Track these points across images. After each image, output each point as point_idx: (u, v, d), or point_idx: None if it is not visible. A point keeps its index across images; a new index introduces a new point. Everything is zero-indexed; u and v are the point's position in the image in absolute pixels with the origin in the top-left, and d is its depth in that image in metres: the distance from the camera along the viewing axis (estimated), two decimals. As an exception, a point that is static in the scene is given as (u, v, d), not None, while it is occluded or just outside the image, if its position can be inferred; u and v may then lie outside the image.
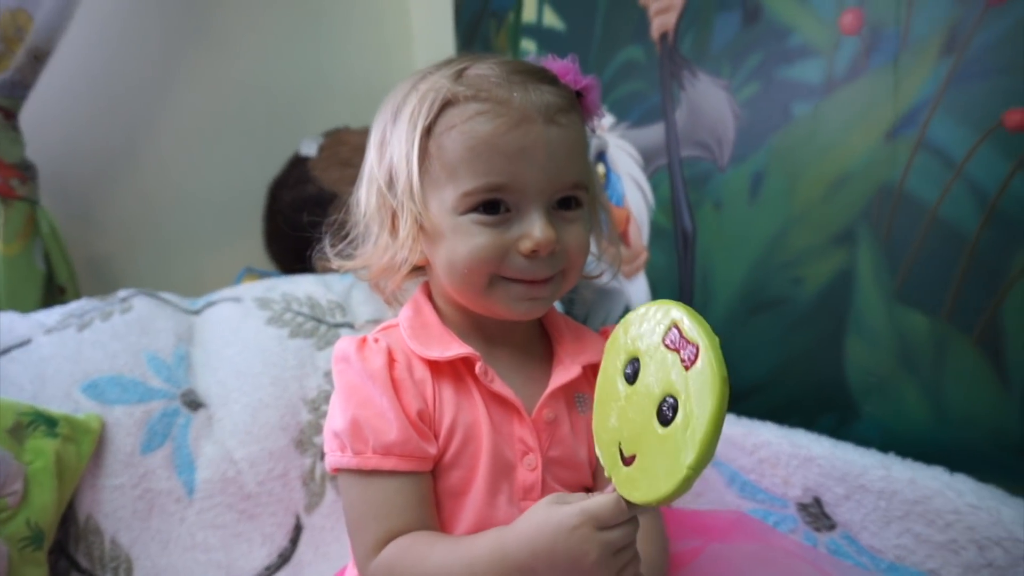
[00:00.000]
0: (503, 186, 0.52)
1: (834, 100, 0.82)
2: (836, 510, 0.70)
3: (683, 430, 0.40)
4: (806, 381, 0.87)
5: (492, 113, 0.52)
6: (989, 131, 0.69)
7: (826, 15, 0.82)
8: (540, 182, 0.53)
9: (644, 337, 0.44)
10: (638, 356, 0.44)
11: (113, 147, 1.34)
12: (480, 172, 0.52)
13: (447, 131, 0.53)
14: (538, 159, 0.52)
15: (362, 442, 0.52)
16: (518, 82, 0.53)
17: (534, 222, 0.52)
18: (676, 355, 0.41)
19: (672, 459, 0.40)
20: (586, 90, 0.58)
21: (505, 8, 1.34)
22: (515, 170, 0.52)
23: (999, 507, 0.59)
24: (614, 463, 0.45)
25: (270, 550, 0.82)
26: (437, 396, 0.55)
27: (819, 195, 0.84)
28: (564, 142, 0.54)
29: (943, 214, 0.73)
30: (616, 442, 0.45)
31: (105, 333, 0.88)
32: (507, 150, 0.52)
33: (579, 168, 0.55)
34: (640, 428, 0.43)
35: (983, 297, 0.71)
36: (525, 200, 0.53)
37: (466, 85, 0.53)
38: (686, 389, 0.40)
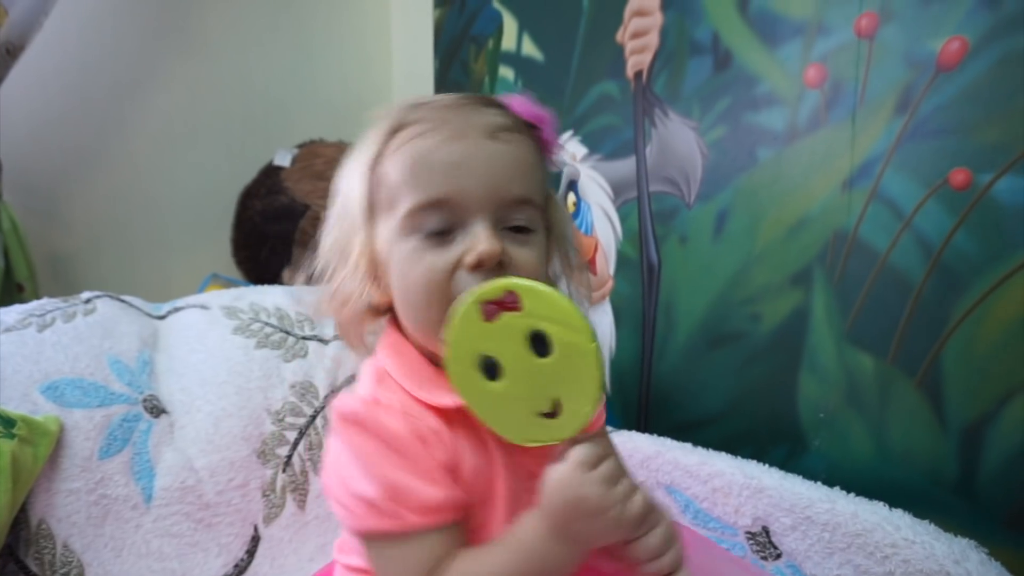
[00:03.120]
0: (443, 200, 0.51)
1: (796, 148, 0.87)
2: (783, 540, 0.73)
3: (560, 336, 0.46)
4: (760, 413, 0.91)
5: (432, 131, 0.52)
6: (936, 188, 0.74)
7: (792, 68, 0.87)
8: (481, 194, 0.51)
9: (471, 340, 0.47)
10: (482, 354, 0.47)
11: (82, 146, 1.32)
12: (419, 188, 0.51)
13: (392, 155, 0.53)
14: (478, 170, 0.51)
15: (401, 505, 0.49)
16: (463, 105, 0.54)
17: (478, 233, 0.51)
18: (504, 316, 0.46)
19: (577, 356, 0.46)
20: (540, 122, 0.57)
21: (485, 34, 1.38)
22: (454, 182, 0.51)
23: (932, 542, 0.63)
24: (550, 430, 0.47)
25: (226, 560, 0.81)
26: (454, 441, 0.52)
27: (779, 236, 0.89)
28: (507, 156, 0.53)
29: (892, 262, 0.78)
30: (536, 417, 0.47)
31: (67, 334, 0.87)
32: (445, 162, 0.51)
33: (527, 186, 0.53)
34: (538, 381, 0.47)
35: (926, 342, 0.75)
36: (468, 214, 0.51)
37: (414, 111, 0.54)
38: (537, 315, 0.46)
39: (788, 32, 0.87)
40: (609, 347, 1.13)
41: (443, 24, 1.51)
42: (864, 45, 0.80)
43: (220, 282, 1.35)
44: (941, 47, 0.74)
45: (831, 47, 0.83)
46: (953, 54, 0.73)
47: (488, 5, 1.36)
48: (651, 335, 1.06)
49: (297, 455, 0.89)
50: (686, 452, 0.85)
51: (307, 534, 0.86)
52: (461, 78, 1.46)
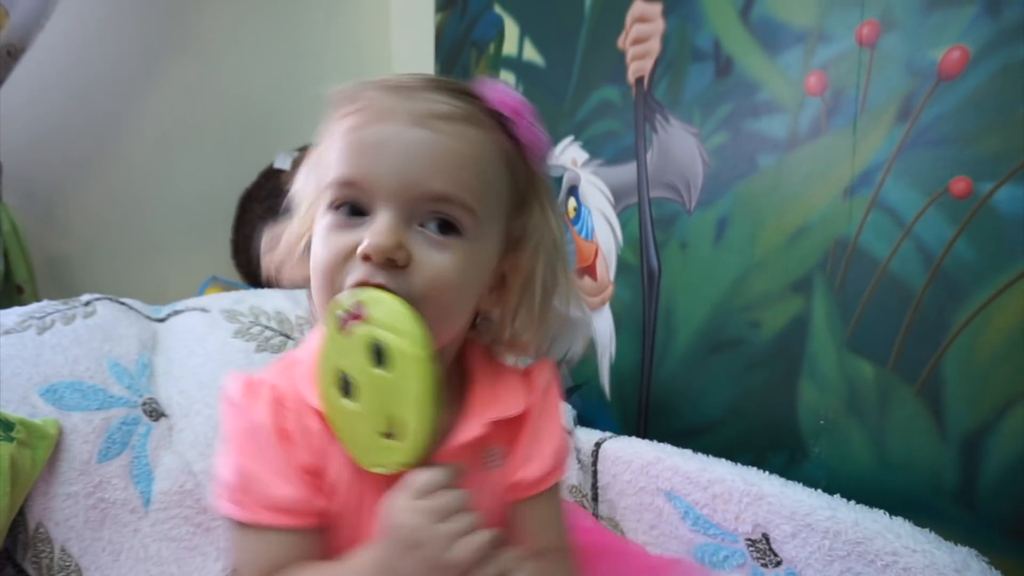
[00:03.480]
0: (353, 181, 0.48)
1: (797, 155, 0.87)
2: (783, 547, 0.73)
3: (393, 343, 0.44)
4: (760, 420, 0.91)
5: (363, 111, 0.49)
6: (937, 196, 0.75)
7: (793, 75, 0.87)
8: (390, 182, 0.47)
9: (328, 346, 0.47)
10: (338, 368, 0.46)
11: (82, 148, 1.32)
12: (337, 164, 0.49)
13: (328, 134, 0.52)
14: (391, 156, 0.47)
15: (248, 496, 0.49)
16: (406, 88, 0.50)
17: (376, 223, 0.47)
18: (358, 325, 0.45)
19: (410, 365, 0.44)
20: (515, 114, 0.51)
21: (486, 39, 1.38)
22: (366, 165, 0.48)
23: (933, 551, 0.63)
24: (393, 452, 0.45)
25: (225, 565, 0.81)
26: (325, 446, 0.50)
27: (779, 244, 0.89)
28: (434, 147, 0.48)
29: (893, 270, 0.78)
30: (379, 438, 0.45)
31: (66, 337, 0.87)
32: (363, 143, 0.48)
33: (454, 181, 0.48)
34: (380, 397, 0.45)
35: (926, 350, 0.75)
36: (376, 200, 0.48)
37: (361, 90, 0.51)
38: (377, 324, 0.44)
39: (789, 40, 0.87)
40: (609, 353, 1.13)
41: (444, 29, 1.51)
42: (865, 53, 0.80)
43: (220, 285, 1.35)
44: (942, 56, 0.74)
45: (832, 55, 0.83)
46: (954, 63, 0.73)
47: (489, 10, 1.36)
48: (651, 341, 1.06)
49: (296, 459, 0.89)
50: (686, 458, 0.85)
51: (306, 539, 0.86)
52: (462, 82, 1.46)
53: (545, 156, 0.55)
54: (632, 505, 0.88)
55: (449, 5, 1.49)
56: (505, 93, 0.52)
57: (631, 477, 0.88)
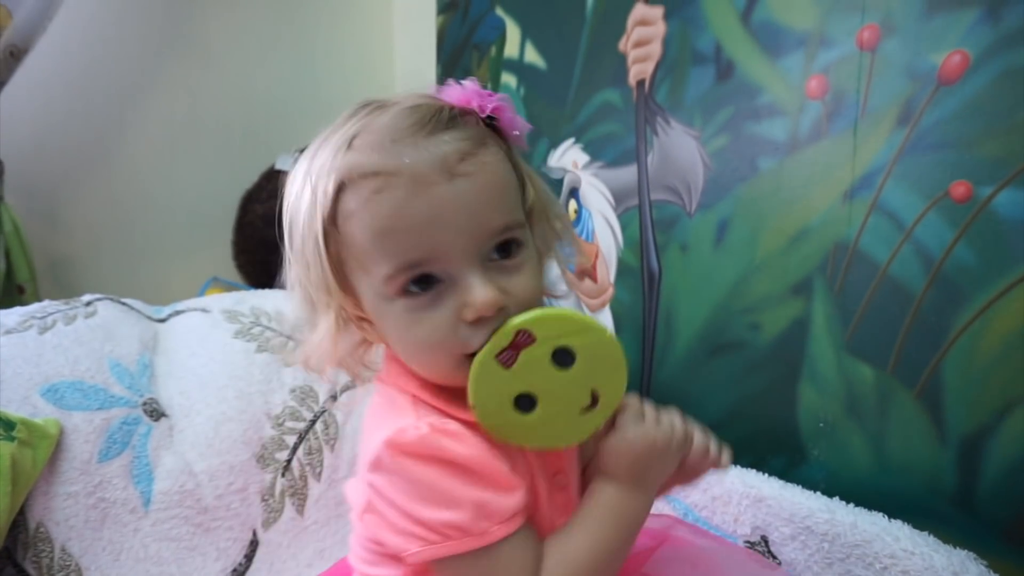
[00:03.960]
0: (421, 260, 0.47)
1: (797, 158, 0.87)
2: (782, 549, 0.73)
3: (584, 344, 0.49)
4: (759, 423, 0.91)
5: (387, 187, 0.46)
6: (937, 200, 0.75)
7: (793, 79, 0.87)
8: (461, 243, 0.47)
9: (492, 389, 0.49)
10: (512, 396, 0.49)
11: (84, 149, 1.32)
12: (393, 253, 0.47)
13: (348, 220, 0.48)
14: (451, 221, 0.47)
15: (488, 521, 0.48)
16: (409, 141, 0.48)
17: (470, 286, 0.47)
18: (523, 354, 0.48)
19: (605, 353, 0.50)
20: (496, 111, 0.51)
21: (488, 41, 1.38)
22: (430, 241, 0.47)
23: (932, 553, 0.63)
24: (595, 416, 0.51)
25: (224, 565, 0.81)
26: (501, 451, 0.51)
27: (780, 246, 0.89)
28: (477, 191, 0.48)
29: (892, 273, 0.78)
30: (576, 414, 0.51)
31: (68, 337, 0.87)
32: (414, 223, 0.46)
33: (506, 209, 0.49)
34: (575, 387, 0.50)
35: (926, 354, 0.75)
36: (452, 265, 0.47)
37: (354, 161, 0.48)
38: (551, 335, 0.48)
39: (790, 43, 0.87)
40: (609, 355, 1.13)
41: (446, 31, 1.51)
42: (866, 57, 0.80)
43: (221, 285, 1.35)
44: (942, 61, 0.74)
45: (833, 59, 0.83)
46: (954, 68, 0.73)
47: (491, 12, 1.36)
48: (651, 343, 1.06)
49: (296, 460, 0.89)
50: (686, 461, 0.85)
51: (306, 539, 0.86)
52: (463, 85, 1.46)
53: (521, 131, 0.54)
54: (631, 507, 0.88)
55: (451, 8, 1.49)
56: (473, 92, 0.51)
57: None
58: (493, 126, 0.52)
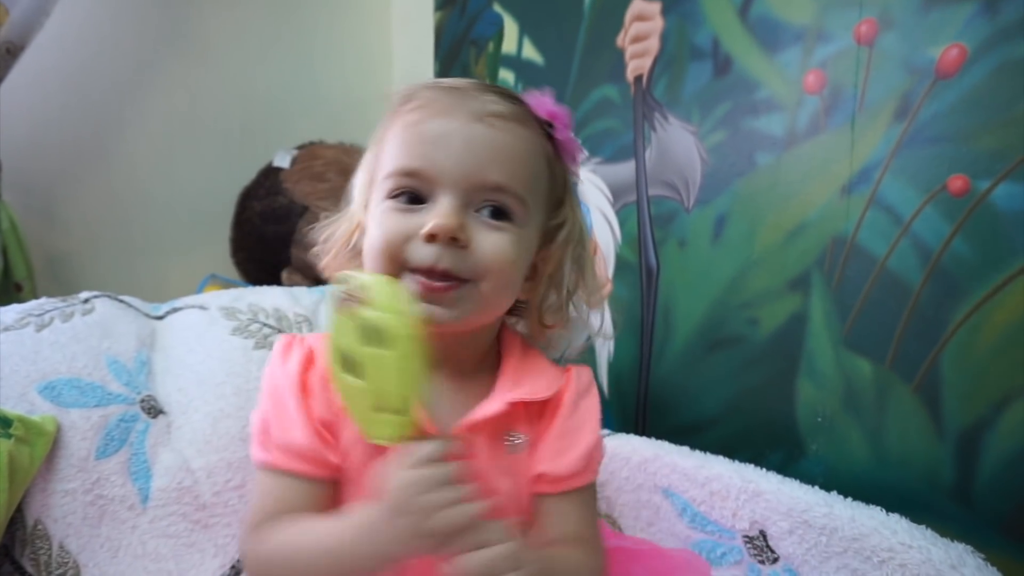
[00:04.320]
0: (416, 171, 0.53)
1: (795, 153, 0.87)
2: (780, 543, 0.73)
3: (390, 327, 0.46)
4: (757, 418, 0.91)
5: (423, 108, 0.54)
6: (934, 194, 0.75)
7: (791, 74, 0.87)
8: (453, 172, 0.52)
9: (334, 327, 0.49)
10: (341, 348, 0.48)
11: (82, 146, 1.32)
12: (398, 156, 0.54)
13: (387, 130, 0.56)
14: (453, 147, 0.52)
15: (269, 439, 0.54)
16: (464, 88, 0.55)
17: (439, 207, 0.52)
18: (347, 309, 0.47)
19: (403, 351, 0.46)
20: (553, 118, 0.57)
21: (486, 37, 1.38)
22: (429, 155, 0.52)
23: (929, 547, 0.63)
24: (392, 426, 0.47)
25: (223, 561, 0.81)
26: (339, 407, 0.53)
27: (777, 241, 0.89)
28: (490, 141, 0.53)
29: (890, 267, 0.78)
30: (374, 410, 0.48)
31: (65, 334, 0.87)
32: (424, 136, 0.53)
33: (509, 174, 0.53)
34: (383, 376, 0.47)
35: (924, 348, 0.75)
36: (438, 188, 0.52)
37: (421, 91, 0.56)
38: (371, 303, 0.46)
39: (788, 38, 0.87)
40: (607, 350, 1.13)
41: (444, 27, 1.51)
42: (864, 52, 0.80)
43: (219, 282, 1.35)
44: (940, 54, 0.74)
45: (830, 53, 0.83)
46: (952, 61, 0.73)
47: (489, 8, 1.36)
48: (649, 339, 1.06)
49: (295, 456, 0.89)
50: (684, 455, 0.85)
51: (304, 536, 0.86)
52: (461, 81, 1.46)
53: (577, 158, 0.60)
54: (630, 502, 0.88)
55: (449, 4, 1.49)
56: (545, 100, 0.57)
57: (629, 474, 0.88)
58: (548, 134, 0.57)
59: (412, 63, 1.62)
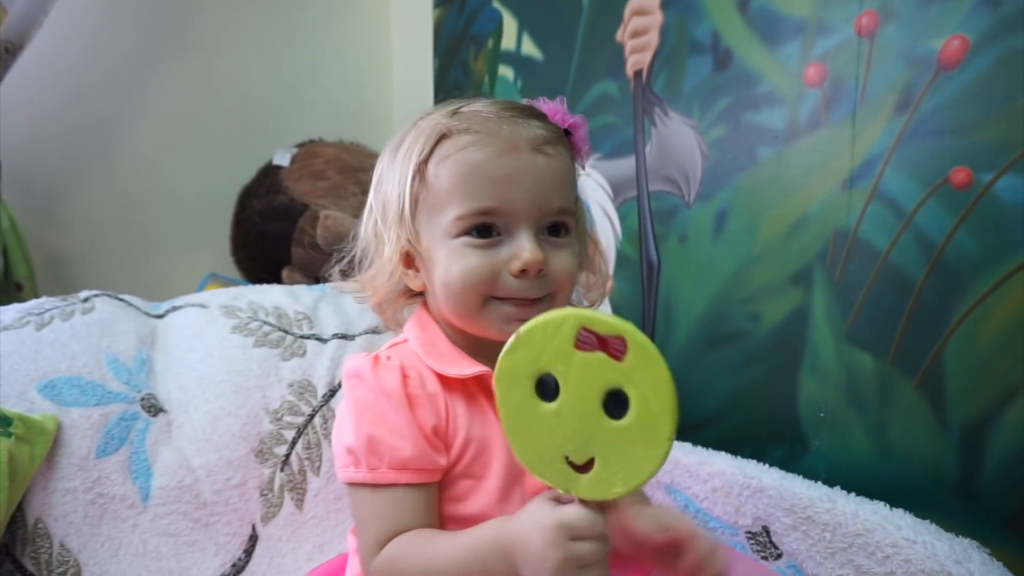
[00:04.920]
0: (493, 210, 0.55)
1: (796, 147, 0.87)
2: (783, 539, 0.73)
3: (644, 412, 0.42)
4: (759, 413, 0.91)
5: (483, 143, 0.56)
6: (936, 187, 0.74)
7: (792, 67, 0.86)
8: (528, 206, 0.56)
9: (547, 352, 0.44)
10: (547, 371, 0.44)
11: (81, 145, 1.32)
12: (471, 197, 0.55)
13: (442, 161, 0.57)
14: (525, 184, 0.55)
15: (377, 458, 0.54)
16: (508, 117, 0.57)
17: (523, 243, 0.55)
18: (598, 352, 0.42)
19: (645, 440, 0.42)
20: (574, 127, 0.61)
21: (485, 34, 1.37)
22: (504, 194, 0.55)
23: (934, 542, 0.63)
24: (567, 477, 0.45)
25: (224, 560, 0.81)
26: (451, 411, 0.57)
27: (779, 236, 0.88)
28: (551, 170, 0.57)
29: (892, 261, 0.78)
30: (560, 458, 0.45)
31: (65, 333, 0.87)
32: (496, 176, 0.55)
33: (566, 196, 0.58)
34: (589, 432, 0.44)
35: (927, 342, 0.75)
36: (514, 223, 0.56)
37: (460, 120, 0.57)
38: (630, 377, 0.42)
39: (788, 31, 0.87)
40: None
41: (443, 24, 1.50)
42: (864, 44, 0.80)
43: (219, 281, 1.35)
44: (942, 46, 0.73)
45: (831, 46, 0.83)
46: (954, 53, 0.73)
47: (488, 5, 1.36)
48: (650, 334, 1.05)
49: (295, 454, 0.89)
50: (686, 452, 0.84)
51: (305, 533, 0.86)
52: (461, 78, 1.46)
53: (587, 159, 0.64)
54: (632, 499, 0.87)
55: (448, 1, 1.48)
56: (559, 110, 0.61)
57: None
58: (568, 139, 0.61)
59: (411, 60, 1.61)
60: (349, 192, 1.35)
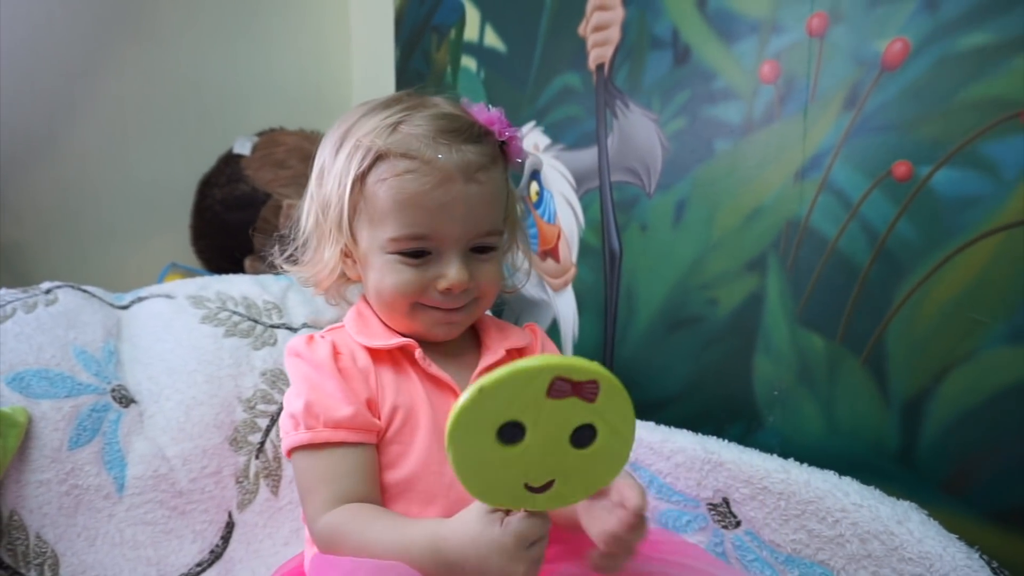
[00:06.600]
0: (425, 236, 0.61)
1: (751, 140, 0.91)
2: (742, 509, 0.78)
3: (610, 440, 0.44)
4: (717, 393, 0.96)
5: (419, 172, 0.60)
6: (880, 179, 0.80)
7: (747, 64, 0.91)
8: (457, 233, 0.61)
9: (515, 404, 0.42)
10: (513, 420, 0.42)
11: (31, 132, 1.28)
12: (406, 223, 0.61)
13: (378, 182, 0.61)
14: (457, 214, 0.61)
15: (314, 419, 0.59)
16: (444, 142, 0.61)
17: (451, 265, 0.62)
18: (572, 399, 0.42)
19: (608, 462, 0.46)
20: (510, 140, 0.66)
21: (447, 24, 1.39)
22: (436, 223, 0.61)
23: (878, 505, 0.68)
24: (523, 499, 0.46)
25: (201, 547, 0.81)
26: (378, 382, 0.63)
27: (735, 225, 0.93)
28: (481, 198, 0.62)
29: (840, 248, 0.83)
30: (519, 486, 0.45)
31: (29, 325, 0.86)
32: (430, 206, 0.60)
33: (494, 218, 0.64)
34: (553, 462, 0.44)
35: (871, 323, 0.80)
36: (443, 246, 0.62)
37: (397, 142, 0.61)
38: (602, 415, 0.43)
39: (744, 29, 0.91)
40: (572, 332, 1.16)
41: (404, 13, 1.51)
42: (815, 44, 0.84)
43: (179, 271, 1.33)
44: (885, 47, 0.78)
45: (784, 45, 0.87)
46: (896, 54, 0.78)
47: (449, -5, 1.37)
48: (613, 320, 1.10)
49: (269, 442, 0.90)
50: (649, 430, 0.89)
51: (281, 519, 0.87)
52: (423, 67, 1.46)
53: (521, 153, 0.69)
54: (599, 477, 0.91)
55: (408, -11, 1.49)
56: (498, 120, 0.65)
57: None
58: (502, 149, 0.67)
59: (371, 49, 1.61)
60: (311, 181, 1.35)
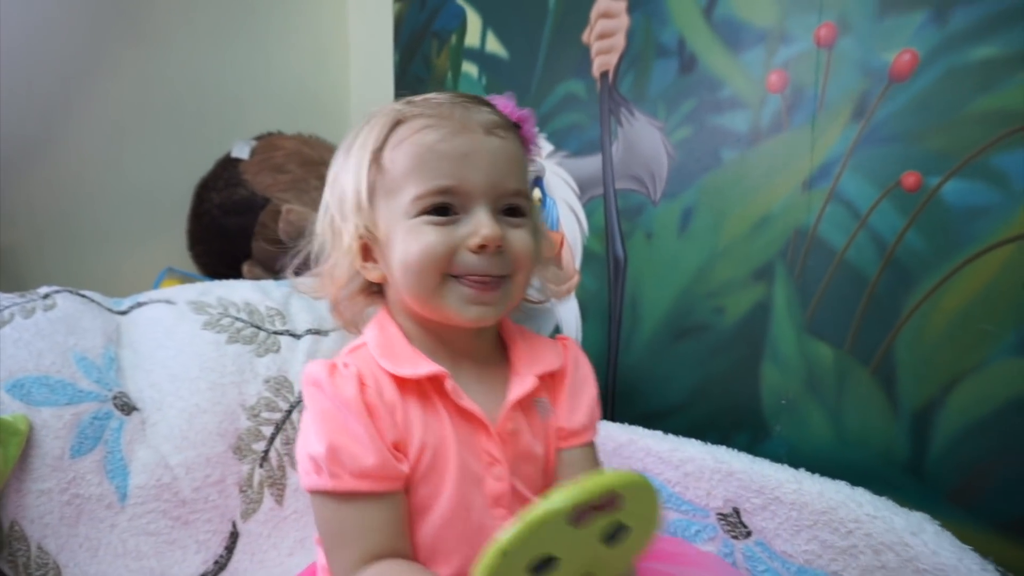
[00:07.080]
0: (450, 188, 0.56)
1: (759, 149, 0.91)
2: (752, 519, 0.78)
3: (641, 526, 0.44)
4: (724, 402, 0.96)
5: (437, 125, 0.57)
6: (889, 189, 0.80)
7: (755, 73, 0.91)
8: (484, 185, 0.56)
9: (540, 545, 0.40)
10: (543, 557, 0.41)
11: (27, 135, 1.26)
12: (428, 177, 0.56)
13: (397, 146, 0.57)
14: (480, 163, 0.57)
15: (339, 466, 0.53)
16: (460, 103, 0.59)
17: (481, 220, 0.56)
18: (596, 516, 0.41)
19: (640, 542, 0.45)
20: (522, 121, 0.63)
21: (448, 29, 1.38)
22: (460, 173, 0.56)
23: (892, 516, 0.68)
24: None
25: (205, 557, 0.80)
26: (405, 417, 0.57)
27: (742, 233, 0.93)
28: (504, 151, 0.58)
29: (849, 258, 0.84)
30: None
31: (28, 331, 0.84)
32: (452, 155, 0.56)
33: (520, 179, 0.59)
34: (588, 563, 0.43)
35: (880, 333, 0.81)
36: (471, 201, 0.56)
37: (413, 106, 0.59)
38: (629, 514, 0.42)
39: (751, 39, 0.91)
40: (576, 339, 1.16)
41: (404, 18, 1.50)
42: (823, 54, 0.85)
43: (176, 276, 1.32)
44: (894, 59, 0.79)
45: (792, 55, 0.88)
46: (904, 66, 0.79)
47: (450, 1, 1.36)
48: (617, 328, 1.09)
49: (274, 450, 0.89)
50: (658, 439, 0.88)
51: (286, 529, 0.86)
52: (423, 73, 1.46)
53: (537, 148, 0.66)
54: (606, 486, 0.91)
55: (408, -6, 1.48)
56: (508, 104, 0.62)
57: (604, 459, 0.90)
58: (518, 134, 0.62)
59: (370, 53, 1.60)
60: (311, 186, 1.34)
